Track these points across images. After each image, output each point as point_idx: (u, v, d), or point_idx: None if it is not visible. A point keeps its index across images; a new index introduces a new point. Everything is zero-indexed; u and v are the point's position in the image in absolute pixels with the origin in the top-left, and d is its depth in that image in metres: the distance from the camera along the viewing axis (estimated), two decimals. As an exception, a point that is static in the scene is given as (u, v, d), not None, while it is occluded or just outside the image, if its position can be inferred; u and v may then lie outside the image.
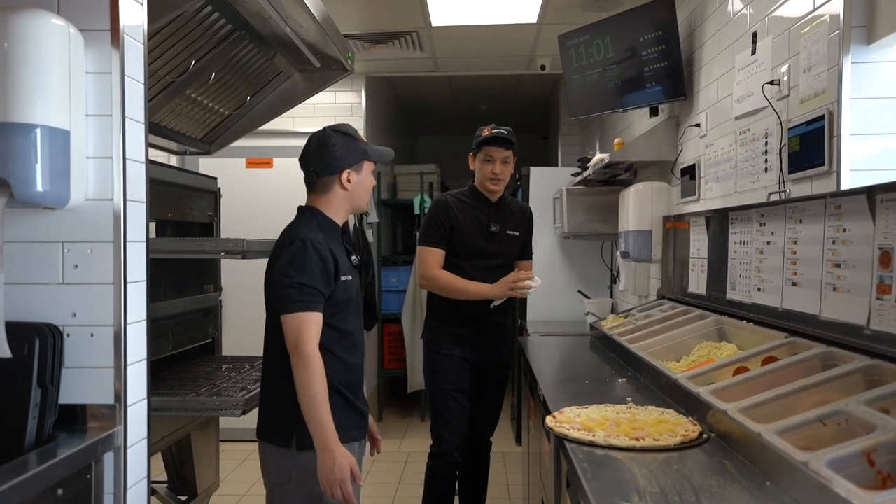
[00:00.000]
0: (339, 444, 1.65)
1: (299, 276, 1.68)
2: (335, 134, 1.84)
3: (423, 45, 4.18)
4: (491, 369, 2.78)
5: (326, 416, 1.64)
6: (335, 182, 1.82)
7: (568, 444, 1.42)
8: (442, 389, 2.69)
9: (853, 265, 1.52)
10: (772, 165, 2.04)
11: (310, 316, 1.67)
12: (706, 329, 2.24)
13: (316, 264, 1.70)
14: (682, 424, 1.47)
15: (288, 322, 1.67)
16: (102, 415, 1.41)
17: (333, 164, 1.81)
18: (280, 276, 1.70)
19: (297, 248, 1.71)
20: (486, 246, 2.70)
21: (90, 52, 1.40)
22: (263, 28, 2.41)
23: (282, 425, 1.75)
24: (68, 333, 1.42)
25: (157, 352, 2.45)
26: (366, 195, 1.90)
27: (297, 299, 1.67)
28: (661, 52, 2.81)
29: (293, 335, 1.66)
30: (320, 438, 1.63)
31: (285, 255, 1.72)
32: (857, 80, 1.61)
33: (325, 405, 1.64)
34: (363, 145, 1.87)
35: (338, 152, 1.81)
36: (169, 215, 2.71)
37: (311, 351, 1.65)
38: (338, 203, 1.85)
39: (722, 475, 1.23)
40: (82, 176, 1.39)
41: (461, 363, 2.69)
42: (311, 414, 1.64)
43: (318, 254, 1.71)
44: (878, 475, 1.02)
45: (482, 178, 2.69)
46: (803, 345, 1.65)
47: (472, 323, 2.67)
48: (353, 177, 1.83)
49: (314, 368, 1.64)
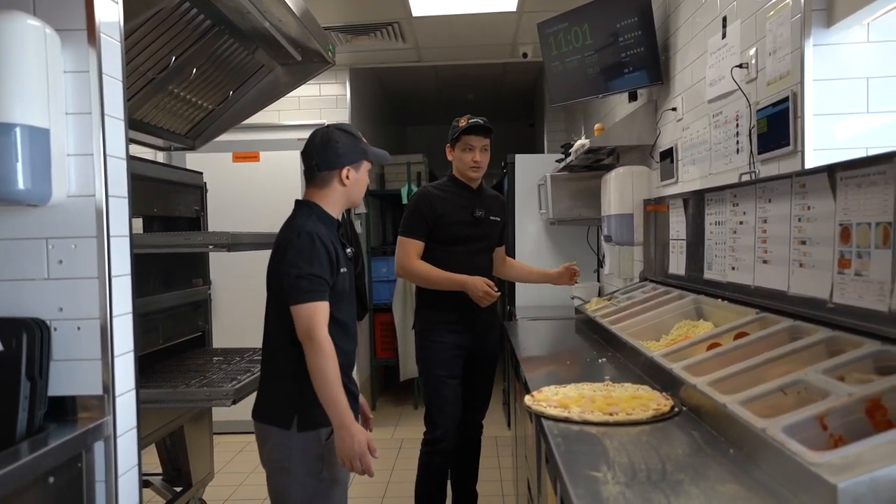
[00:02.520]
0: (355, 421, 1.75)
1: (309, 268, 1.76)
2: (339, 132, 1.92)
3: (405, 35, 4.20)
4: (482, 354, 2.84)
5: (342, 397, 1.73)
6: (335, 177, 1.89)
7: (545, 421, 1.47)
8: (436, 377, 2.74)
9: (817, 241, 1.57)
10: (743, 147, 2.09)
11: (321, 305, 1.76)
12: (685, 308, 2.29)
13: (323, 256, 1.78)
14: (654, 399, 1.53)
15: (300, 312, 1.74)
16: (92, 405, 1.45)
17: (335, 160, 1.88)
18: (290, 268, 1.77)
19: (305, 240, 1.79)
20: (473, 231, 2.76)
21: (67, 51, 1.43)
22: (243, 23, 2.43)
23: (284, 408, 1.82)
24: (55, 327, 1.45)
25: (147, 345, 2.49)
26: (361, 192, 1.98)
27: (308, 289, 1.75)
28: (637, 37, 2.85)
29: (305, 323, 1.73)
30: (338, 417, 1.72)
31: (294, 248, 1.79)
32: (819, 61, 1.65)
33: (339, 386, 1.73)
34: (364, 146, 1.95)
35: (340, 149, 1.89)
36: (155, 211, 2.74)
37: (324, 336, 1.73)
38: (335, 198, 1.92)
39: (689, 445, 1.28)
40: (64, 173, 1.42)
41: (454, 350, 2.74)
42: (328, 395, 1.72)
43: (322, 245, 1.79)
44: (831, 438, 1.08)
45: (463, 167, 2.74)
46: (772, 320, 1.71)
47: (463, 310, 2.71)
48: (352, 174, 1.91)
49: (328, 353, 1.72)
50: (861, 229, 1.39)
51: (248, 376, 2.38)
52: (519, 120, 7.79)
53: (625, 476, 1.13)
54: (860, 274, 1.39)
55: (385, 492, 3.67)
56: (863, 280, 1.38)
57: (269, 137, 4.78)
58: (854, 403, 1.09)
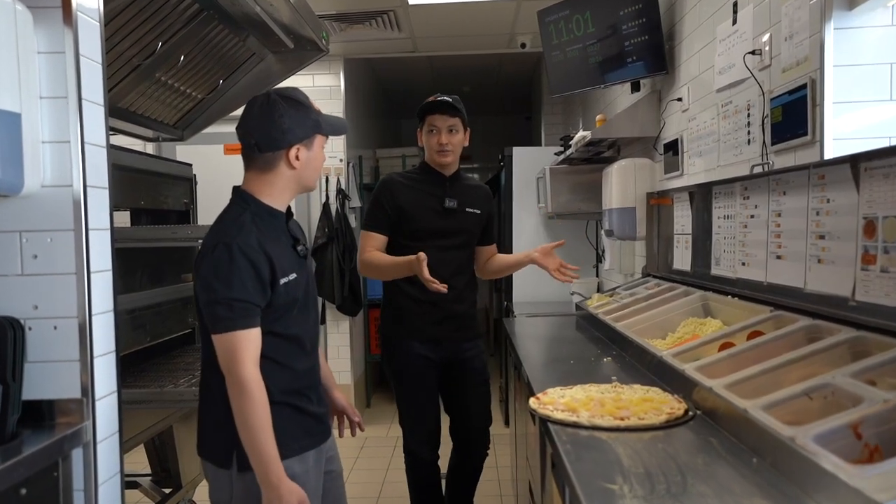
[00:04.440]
0: (284, 478, 1.45)
1: (226, 291, 1.42)
2: (283, 101, 1.53)
3: (400, 24, 4.10)
4: (462, 367, 2.52)
5: (269, 448, 1.43)
6: (280, 159, 1.53)
7: (552, 426, 1.39)
8: (403, 389, 2.50)
9: (838, 236, 1.50)
10: (754, 137, 2.00)
11: (243, 335, 1.43)
12: (691, 305, 2.21)
13: (246, 273, 1.44)
14: (667, 402, 1.45)
15: (219, 343, 1.44)
16: (69, 410, 1.36)
17: (280, 138, 1.51)
18: (205, 290, 1.45)
19: (220, 256, 1.44)
20: (443, 224, 2.43)
21: (41, 30, 1.33)
22: (232, 8, 2.33)
23: (220, 443, 1.52)
24: (30, 327, 1.36)
25: (134, 343, 2.40)
26: (316, 174, 1.61)
27: (226, 317, 1.42)
28: (641, 25, 2.76)
29: (225, 358, 1.43)
30: (262, 473, 1.43)
31: (209, 264, 1.46)
32: (840, 46, 1.57)
33: (266, 435, 1.43)
34: (315, 116, 1.57)
35: (286, 123, 1.51)
36: (142, 203, 2.64)
37: (248, 375, 1.42)
38: (282, 185, 1.56)
39: (708, 453, 1.20)
40: (37, 161, 1.32)
41: (422, 361, 2.45)
42: (250, 445, 1.43)
43: (246, 260, 1.45)
44: (866, 448, 1.00)
45: (430, 152, 2.44)
46: (788, 318, 1.63)
47: (431, 315, 2.43)
48: (302, 153, 1.54)
49: (252, 396, 1.41)
50: (888, 223, 1.31)
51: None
52: (515, 112, 7.70)
53: (642, 489, 1.05)
54: (886, 270, 1.31)
55: (380, 492, 3.59)
56: (890, 277, 1.30)
57: (262, 129, 4.67)
58: (890, 411, 1.01)
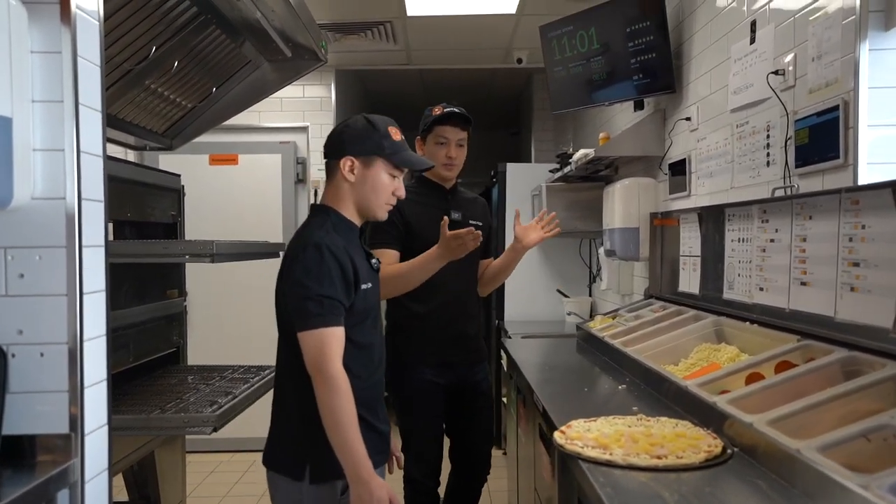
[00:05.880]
0: (374, 473, 1.48)
1: (318, 287, 1.49)
2: (359, 118, 1.66)
3: (396, 36, 4.02)
4: (472, 391, 2.43)
5: (358, 444, 1.47)
6: (336, 168, 1.63)
7: (583, 464, 1.30)
8: (411, 419, 2.36)
9: (875, 264, 1.44)
10: (775, 159, 1.95)
11: (332, 331, 1.49)
12: (704, 330, 2.14)
13: (335, 272, 1.51)
14: (702, 439, 1.36)
15: (308, 340, 1.49)
16: (55, 446, 1.23)
17: (338, 148, 1.63)
18: (296, 288, 1.52)
19: (312, 255, 1.52)
20: None
21: (36, 28, 1.22)
22: (231, 12, 2.22)
23: (292, 455, 1.57)
24: (13, 353, 1.23)
25: (116, 364, 2.25)
26: (375, 197, 1.64)
27: (317, 313, 1.48)
28: (648, 43, 2.71)
29: (314, 354, 1.48)
30: (352, 469, 1.46)
31: (300, 264, 1.53)
32: (875, 67, 1.52)
33: (355, 431, 1.47)
34: (383, 140, 1.62)
35: (346, 135, 1.62)
36: (128, 215, 2.50)
37: (337, 371, 1.47)
38: (346, 198, 1.64)
39: (760, 499, 1.12)
40: (28, 171, 1.20)
41: (432, 388, 2.34)
42: (340, 442, 1.46)
43: (336, 260, 1.52)
44: (945, 500, 0.92)
45: (435, 164, 2.29)
46: (820, 349, 1.56)
47: (441, 335, 2.33)
48: (357, 169, 1.61)
49: (341, 390, 1.46)
50: (937, 253, 1.25)
51: (230, 399, 2.15)
52: (502, 128, 7.65)
53: (701, 541, 0.96)
54: (934, 302, 1.25)
55: None
56: (939, 309, 1.24)
57: (249, 140, 4.55)
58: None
